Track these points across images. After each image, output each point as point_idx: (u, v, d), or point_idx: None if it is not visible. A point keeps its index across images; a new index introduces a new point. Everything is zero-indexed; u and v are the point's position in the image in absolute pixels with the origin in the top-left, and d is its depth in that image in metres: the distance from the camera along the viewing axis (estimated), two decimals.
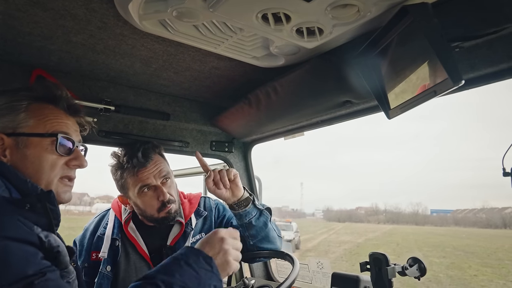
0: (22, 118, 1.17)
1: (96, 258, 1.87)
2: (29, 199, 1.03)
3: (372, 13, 1.16)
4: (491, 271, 17.84)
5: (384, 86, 1.36)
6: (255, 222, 1.78)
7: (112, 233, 1.90)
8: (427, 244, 30.27)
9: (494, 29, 1.09)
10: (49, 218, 1.05)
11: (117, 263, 1.86)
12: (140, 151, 1.82)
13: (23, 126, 1.16)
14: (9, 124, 1.15)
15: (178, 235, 1.92)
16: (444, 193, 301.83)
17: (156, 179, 1.83)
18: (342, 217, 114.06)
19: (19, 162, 1.14)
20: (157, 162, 1.86)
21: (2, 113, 1.16)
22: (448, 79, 1.05)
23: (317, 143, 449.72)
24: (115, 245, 1.87)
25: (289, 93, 1.75)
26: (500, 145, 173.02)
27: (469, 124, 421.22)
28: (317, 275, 2.09)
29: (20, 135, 1.15)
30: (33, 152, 1.15)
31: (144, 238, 1.92)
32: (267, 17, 1.23)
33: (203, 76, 1.89)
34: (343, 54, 1.43)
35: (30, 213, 1.01)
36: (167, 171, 1.89)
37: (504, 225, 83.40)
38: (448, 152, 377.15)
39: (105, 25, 1.40)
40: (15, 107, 1.17)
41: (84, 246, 1.92)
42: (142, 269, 1.88)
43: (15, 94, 1.20)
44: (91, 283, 1.83)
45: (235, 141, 2.56)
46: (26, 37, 1.50)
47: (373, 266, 1.61)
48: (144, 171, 1.82)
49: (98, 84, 1.95)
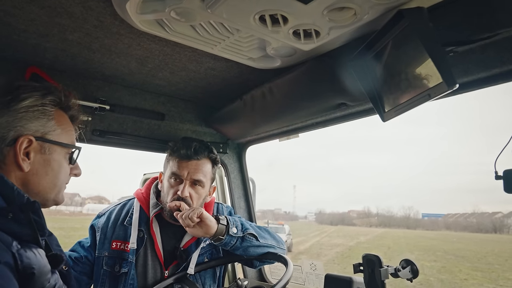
0: (52, 124, 1.18)
1: (116, 247, 1.88)
2: (12, 208, 1.01)
3: (369, 16, 1.17)
4: (481, 275, 17.99)
5: (379, 88, 1.37)
6: (240, 245, 1.81)
7: (139, 224, 1.91)
8: (418, 248, 30.44)
9: (488, 34, 1.11)
10: (33, 230, 1.03)
11: (138, 256, 1.87)
12: (194, 145, 1.88)
13: (53, 134, 1.18)
14: (40, 128, 1.15)
15: (192, 240, 1.93)
16: (437, 197, 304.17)
17: (187, 176, 1.85)
18: (334, 220, 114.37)
19: (41, 167, 1.15)
20: (201, 165, 1.89)
21: (35, 115, 1.15)
22: (443, 83, 1.06)
23: (311, 146, 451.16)
24: (139, 237, 1.89)
25: (284, 95, 1.76)
26: (493, 150, 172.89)
27: (464, 129, 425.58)
28: (310, 277, 2.09)
29: (49, 141, 1.17)
30: (55, 159, 1.19)
31: (162, 236, 1.94)
32: (265, 18, 1.23)
33: (198, 76, 1.89)
34: (339, 57, 1.44)
35: (13, 223, 0.99)
36: (202, 180, 1.89)
37: (494, 229, 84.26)
38: (442, 157, 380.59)
39: (102, 24, 1.40)
40: (46, 112, 1.18)
41: (106, 235, 1.92)
42: (155, 267, 1.89)
43: (43, 96, 1.19)
44: (112, 272, 1.84)
45: (230, 142, 2.56)
46: (22, 34, 1.49)
47: (366, 267, 1.62)
48: (184, 162, 1.86)
49: (93, 83, 1.95)
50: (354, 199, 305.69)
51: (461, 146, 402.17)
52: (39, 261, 1.01)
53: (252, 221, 2.59)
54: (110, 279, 1.84)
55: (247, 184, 2.63)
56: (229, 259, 2.03)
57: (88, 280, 1.90)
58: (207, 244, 1.96)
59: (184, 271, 1.85)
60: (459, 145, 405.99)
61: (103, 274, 1.85)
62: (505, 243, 39.70)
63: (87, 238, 2.00)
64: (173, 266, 1.90)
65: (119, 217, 1.97)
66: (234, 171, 2.61)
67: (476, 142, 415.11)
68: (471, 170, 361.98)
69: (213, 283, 2.01)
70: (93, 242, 1.95)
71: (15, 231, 0.98)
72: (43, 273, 1.02)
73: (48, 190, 1.18)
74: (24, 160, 1.11)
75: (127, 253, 1.84)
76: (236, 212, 2.57)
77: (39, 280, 1.01)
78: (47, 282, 1.04)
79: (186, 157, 1.86)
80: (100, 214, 2.05)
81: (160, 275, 1.88)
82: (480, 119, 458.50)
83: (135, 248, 1.85)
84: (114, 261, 1.85)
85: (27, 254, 0.98)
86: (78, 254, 1.92)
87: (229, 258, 2.01)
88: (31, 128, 1.14)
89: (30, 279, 0.98)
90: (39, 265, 1.01)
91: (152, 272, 1.87)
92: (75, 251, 1.95)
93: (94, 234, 1.96)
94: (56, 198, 1.22)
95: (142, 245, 1.88)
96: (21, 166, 1.10)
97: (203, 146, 1.94)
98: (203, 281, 1.95)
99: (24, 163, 1.11)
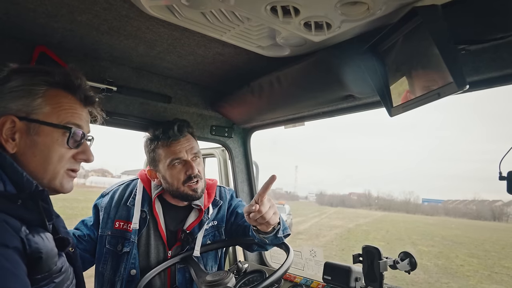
0: (38, 103, 1.13)
1: (119, 227, 1.92)
2: (22, 195, 1.02)
3: (382, 12, 1.16)
4: (478, 261, 18.21)
5: (388, 83, 1.36)
6: (271, 242, 1.77)
7: (141, 205, 1.95)
8: (416, 233, 30.73)
9: (502, 34, 1.09)
10: (41, 215, 1.04)
11: (140, 236, 1.91)
12: (176, 125, 1.91)
13: (38, 113, 1.12)
14: (23, 108, 1.11)
15: (195, 222, 1.97)
16: (438, 183, 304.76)
17: (187, 154, 1.90)
18: (334, 202, 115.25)
19: (28, 148, 1.11)
20: (189, 139, 1.95)
21: (18, 94, 1.11)
22: (453, 83, 1.06)
23: (316, 128, 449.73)
24: (141, 217, 1.93)
25: (292, 84, 1.75)
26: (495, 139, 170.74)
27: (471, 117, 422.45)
28: (309, 263, 2.13)
29: (33, 121, 1.12)
30: (43, 140, 1.12)
31: (164, 217, 1.98)
32: (276, 9, 1.22)
33: (206, 61, 1.88)
34: (348, 49, 1.43)
35: (22, 209, 1.00)
36: (198, 150, 1.97)
37: (493, 217, 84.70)
38: (448, 143, 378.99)
39: (111, 6, 1.38)
40: (32, 91, 1.13)
41: (109, 215, 1.96)
42: (158, 247, 1.94)
43: (34, 76, 1.15)
44: (114, 251, 1.88)
45: (235, 127, 2.57)
46: (30, 14, 1.48)
47: (366, 258, 1.65)
48: (177, 144, 1.90)
49: (101, 64, 1.94)
50: (356, 182, 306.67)
51: (468, 133, 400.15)
52: (47, 245, 1.04)
53: None
54: (112, 258, 1.89)
55: (251, 169, 2.65)
56: (231, 241, 2.07)
57: (91, 258, 1.96)
58: (210, 226, 2.00)
59: (188, 252, 1.90)
60: (466, 132, 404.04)
61: (105, 253, 1.90)
62: (503, 231, 39.99)
63: (90, 217, 2.04)
64: (177, 247, 1.94)
65: (122, 197, 2.01)
66: (239, 156, 2.62)
67: (480, 130, 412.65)
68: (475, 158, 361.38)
69: (215, 264, 2.06)
70: (96, 221, 1.99)
71: (24, 216, 1.00)
72: (50, 256, 1.05)
73: (39, 174, 1.13)
74: (7, 141, 1.09)
75: (130, 233, 1.89)
76: (238, 195, 2.60)
77: (46, 263, 1.04)
78: (54, 265, 1.07)
79: (176, 138, 1.90)
80: (104, 193, 2.08)
81: (164, 255, 1.93)
82: (484, 107, 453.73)
83: (137, 229, 1.89)
84: (117, 240, 1.89)
85: (35, 239, 1.00)
86: (81, 233, 1.97)
87: (232, 241, 2.06)
88: (12, 107, 1.10)
89: (38, 262, 1.01)
90: (46, 249, 1.03)
91: (155, 252, 1.92)
92: (79, 229, 2.00)
93: (97, 213, 2.00)
94: (52, 184, 1.16)
95: (144, 225, 1.92)
96: (4, 146, 1.09)
97: (180, 123, 1.95)
98: (205, 262, 2.00)
99: (8, 144, 1.09)
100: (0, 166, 1.05)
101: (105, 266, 1.89)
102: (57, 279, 1.09)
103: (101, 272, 1.90)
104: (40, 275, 1.02)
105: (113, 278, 1.87)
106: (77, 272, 1.25)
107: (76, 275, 1.24)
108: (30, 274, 0.99)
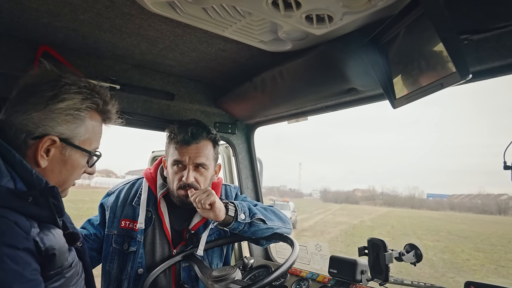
0: (80, 131, 1.21)
1: (125, 226, 1.92)
2: (33, 192, 1.05)
3: (383, 2, 1.15)
4: (484, 256, 18.16)
5: (390, 75, 1.36)
6: (248, 230, 1.82)
7: (147, 204, 1.95)
8: (421, 228, 30.68)
9: (504, 23, 1.09)
10: (52, 212, 1.07)
11: (146, 235, 1.92)
12: (190, 129, 1.86)
13: (78, 139, 1.21)
14: (67, 132, 1.18)
15: (201, 222, 1.97)
16: (440, 178, 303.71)
17: (189, 161, 1.85)
18: (339, 199, 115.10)
19: (57, 165, 1.18)
20: (201, 148, 1.88)
21: (66, 119, 1.17)
22: (456, 73, 1.06)
23: (319, 124, 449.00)
24: (147, 216, 1.93)
25: (295, 78, 1.75)
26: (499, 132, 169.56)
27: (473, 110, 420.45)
28: (315, 257, 2.14)
29: (72, 145, 1.19)
30: (73, 162, 1.22)
31: (170, 217, 1.97)
32: (277, 2, 1.22)
33: (209, 57, 1.88)
34: (351, 42, 1.43)
35: (33, 206, 1.03)
36: (205, 162, 1.88)
37: (499, 211, 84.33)
38: (449, 139, 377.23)
39: (113, 4, 1.39)
40: (78, 116, 1.19)
41: (116, 214, 1.97)
42: (163, 246, 1.94)
43: (83, 100, 1.21)
44: (121, 250, 1.89)
45: (238, 123, 2.57)
46: (33, 13, 1.49)
47: (371, 251, 1.65)
48: (184, 148, 1.85)
49: (104, 62, 1.95)
50: (359, 178, 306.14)
51: (472, 126, 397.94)
52: (59, 242, 1.07)
53: (259, 201, 2.63)
54: (119, 257, 1.90)
55: (254, 165, 2.65)
56: (237, 237, 2.07)
57: (98, 256, 1.97)
58: (215, 226, 2.00)
59: (191, 250, 1.90)
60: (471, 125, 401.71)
61: (112, 252, 1.91)
62: (509, 225, 39.85)
63: (96, 216, 2.05)
64: (182, 246, 1.95)
65: (128, 196, 2.01)
66: (242, 152, 2.63)
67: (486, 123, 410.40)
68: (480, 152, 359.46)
69: (220, 262, 2.06)
70: (102, 220, 2.00)
71: (34, 213, 1.02)
72: (63, 252, 1.08)
73: (57, 186, 1.18)
74: (43, 157, 1.14)
75: (136, 232, 1.89)
76: (243, 192, 2.60)
77: (59, 260, 1.07)
78: (66, 260, 1.09)
79: (185, 143, 1.85)
80: (110, 192, 2.09)
81: (168, 254, 1.93)
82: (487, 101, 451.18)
83: (143, 228, 1.89)
84: (123, 239, 1.90)
85: (48, 237, 1.03)
86: (87, 232, 1.98)
87: (237, 237, 2.06)
88: (59, 130, 1.16)
89: (52, 259, 1.04)
90: (59, 246, 1.07)
91: (160, 251, 1.93)
92: (85, 229, 2.01)
93: (103, 212, 2.01)
94: (61, 193, 1.22)
95: (150, 224, 1.93)
96: (38, 162, 1.13)
97: (200, 128, 1.90)
98: (210, 260, 2.00)
99: (42, 160, 1.14)
100: (10, 165, 1.07)
101: (112, 264, 1.90)
102: (68, 273, 1.11)
103: (108, 270, 1.92)
104: (53, 271, 1.05)
105: (119, 276, 1.88)
106: (86, 267, 1.27)
107: (85, 270, 1.26)
108: (43, 271, 1.02)
